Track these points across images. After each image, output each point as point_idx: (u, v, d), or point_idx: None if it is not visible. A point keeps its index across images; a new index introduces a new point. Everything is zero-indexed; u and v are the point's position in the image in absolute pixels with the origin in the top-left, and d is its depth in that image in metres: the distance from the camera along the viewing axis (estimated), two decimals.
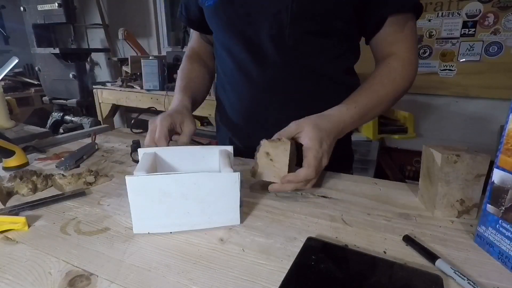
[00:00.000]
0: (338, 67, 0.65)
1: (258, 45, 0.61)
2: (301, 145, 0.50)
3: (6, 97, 0.99)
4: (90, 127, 2.27)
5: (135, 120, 1.04)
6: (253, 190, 0.54)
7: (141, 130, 0.94)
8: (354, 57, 0.68)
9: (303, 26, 0.58)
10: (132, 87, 2.32)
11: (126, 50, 2.94)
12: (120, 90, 2.36)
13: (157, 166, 0.49)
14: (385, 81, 0.58)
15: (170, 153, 0.50)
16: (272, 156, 0.49)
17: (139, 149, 0.49)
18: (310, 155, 0.48)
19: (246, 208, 0.47)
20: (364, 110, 0.56)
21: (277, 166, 0.49)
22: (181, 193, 0.40)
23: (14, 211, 0.45)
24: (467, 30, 1.89)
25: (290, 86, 0.64)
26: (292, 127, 0.51)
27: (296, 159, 0.53)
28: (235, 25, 0.62)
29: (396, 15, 0.57)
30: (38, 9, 2.51)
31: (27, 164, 0.64)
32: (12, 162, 0.61)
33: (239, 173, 0.40)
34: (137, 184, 0.38)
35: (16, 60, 1.03)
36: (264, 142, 0.50)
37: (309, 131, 0.49)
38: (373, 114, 0.58)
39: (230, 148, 0.50)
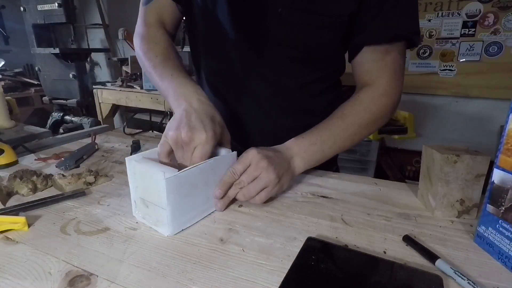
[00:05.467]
0: (320, 86, 0.64)
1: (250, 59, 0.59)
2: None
3: (6, 97, 0.99)
4: (90, 127, 2.26)
5: (130, 120, 1.04)
6: None
7: (141, 130, 0.94)
8: (338, 74, 0.67)
9: (284, 52, 0.57)
10: (132, 87, 2.32)
11: (126, 50, 2.94)
12: (120, 90, 2.36)
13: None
14: (347, 112, 0.55)
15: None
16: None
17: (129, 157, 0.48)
18: (245, 155, 0.46)
19: (246, 208, 0.47)
20: (324, 145, 0.53)
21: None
22: (204, 181, 0.43)
23: (14, 211, 0.44)
24: (467, 30, 1.89)
25: (271, 99, 0.63)
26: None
27: None
28: (217, 31, 0.59)
29: (374, 45, 0.54)
30: (38, 9, 2.50)
31: (16, 162, 0.64)
32: (1, 160, 0.61)
33: (236, 152, 0.48)
34: (175, 183, 0.39)
35: (3, 62, 1.03)
36: None
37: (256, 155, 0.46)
38: (337, 147, 0.55)
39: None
